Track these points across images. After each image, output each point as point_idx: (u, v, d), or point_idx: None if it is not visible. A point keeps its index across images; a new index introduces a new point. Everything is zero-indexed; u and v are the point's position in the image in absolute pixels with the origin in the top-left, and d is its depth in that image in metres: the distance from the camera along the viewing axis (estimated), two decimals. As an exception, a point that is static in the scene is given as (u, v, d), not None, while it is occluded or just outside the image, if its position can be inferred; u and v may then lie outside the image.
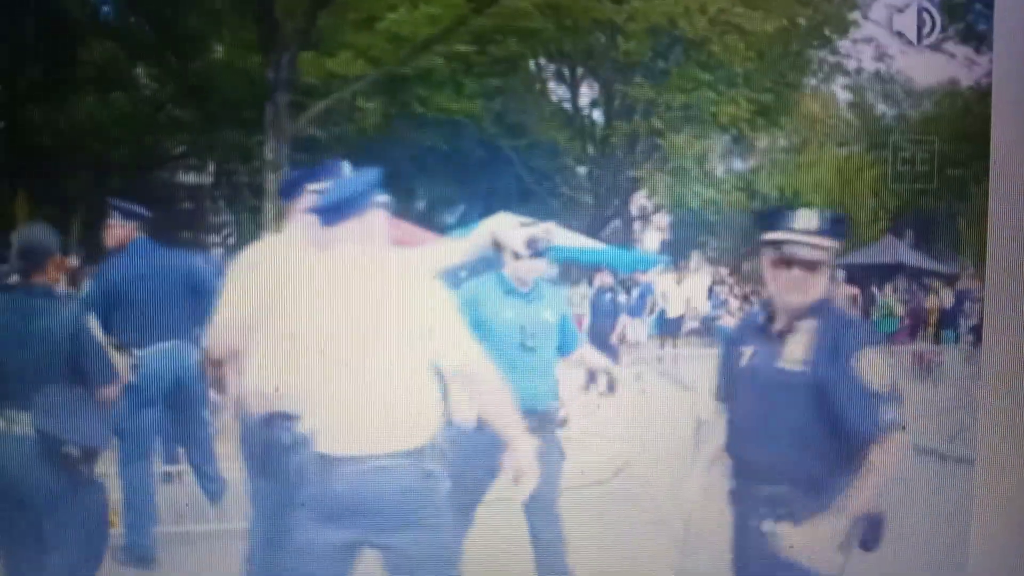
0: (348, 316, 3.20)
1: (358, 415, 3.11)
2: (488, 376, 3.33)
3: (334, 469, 3.04)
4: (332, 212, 3.40)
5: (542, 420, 4.35)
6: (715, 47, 10.93)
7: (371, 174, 3.64)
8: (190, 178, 16.21)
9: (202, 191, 16.71)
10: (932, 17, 4.14)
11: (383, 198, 3.63)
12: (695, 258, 13.29)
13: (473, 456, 3.87)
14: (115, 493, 4.56)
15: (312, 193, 3.73)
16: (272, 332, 3.37)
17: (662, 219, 15.19)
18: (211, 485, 4.99)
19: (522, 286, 4.61)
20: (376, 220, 3.53)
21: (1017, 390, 2.95)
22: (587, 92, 15.33)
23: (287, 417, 3.32)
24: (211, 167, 15.66)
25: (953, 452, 5.82)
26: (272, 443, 3.37)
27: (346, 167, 3.42)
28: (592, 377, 8.00)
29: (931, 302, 11.86)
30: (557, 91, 15.58)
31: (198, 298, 4.52)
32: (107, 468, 4.32)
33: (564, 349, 4.73)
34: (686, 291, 12.42)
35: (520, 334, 4.52)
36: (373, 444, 3.06)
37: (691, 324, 12.08)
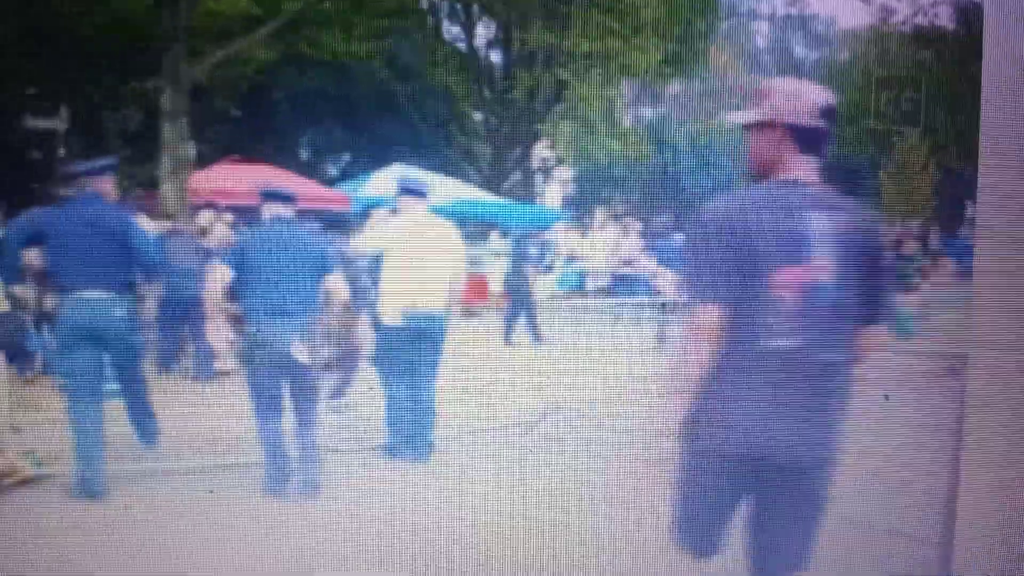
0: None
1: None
2: None
3: None
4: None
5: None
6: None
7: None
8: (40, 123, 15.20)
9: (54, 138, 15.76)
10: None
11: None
12: (599, 214, 13.46)
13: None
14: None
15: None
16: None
17: (565, 172, 15.27)
18: (144, 430, 5.14)
19: None
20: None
21: (1008, 387, 3.08)
22: (483, 34, 15.21)
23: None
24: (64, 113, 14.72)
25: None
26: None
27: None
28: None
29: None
30: (451, 31, 15.39)
31: (131, 254, 4.78)
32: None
33: None
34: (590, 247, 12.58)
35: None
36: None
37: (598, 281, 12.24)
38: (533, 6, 12.35)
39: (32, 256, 5.38)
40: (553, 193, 15.44)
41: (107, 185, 4.91)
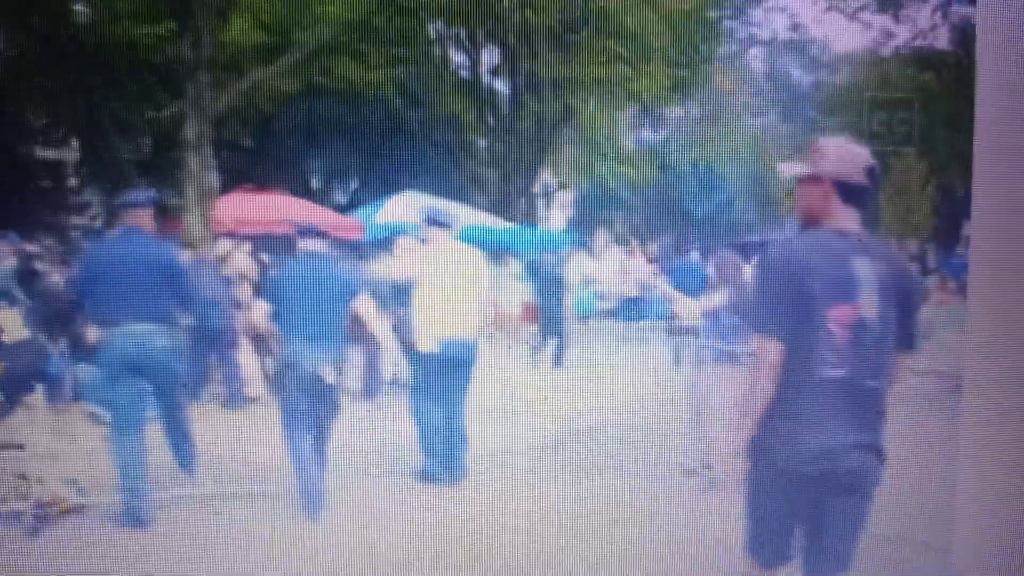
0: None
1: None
2: None
3: None
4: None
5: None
6: (628, 19, 11.04)
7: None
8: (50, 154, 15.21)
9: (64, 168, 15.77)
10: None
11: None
12: (606, 238, 13.55)
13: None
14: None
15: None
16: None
17: (568, 196, 15.38)
18: (182, 456, 5.18)
19: None
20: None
21: (1001, 399, 3.20)
22: (489, 61, 15.33)
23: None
24: (74, 142, 14.77)
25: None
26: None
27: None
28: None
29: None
30: (457, 59, 15.53)
31: (173, 286, 4.88)
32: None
33: None
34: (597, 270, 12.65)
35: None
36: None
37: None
38: (540, 34, 12.53)
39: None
40: (561, 218, 15.58)
41: (146, 217, 5.00)
